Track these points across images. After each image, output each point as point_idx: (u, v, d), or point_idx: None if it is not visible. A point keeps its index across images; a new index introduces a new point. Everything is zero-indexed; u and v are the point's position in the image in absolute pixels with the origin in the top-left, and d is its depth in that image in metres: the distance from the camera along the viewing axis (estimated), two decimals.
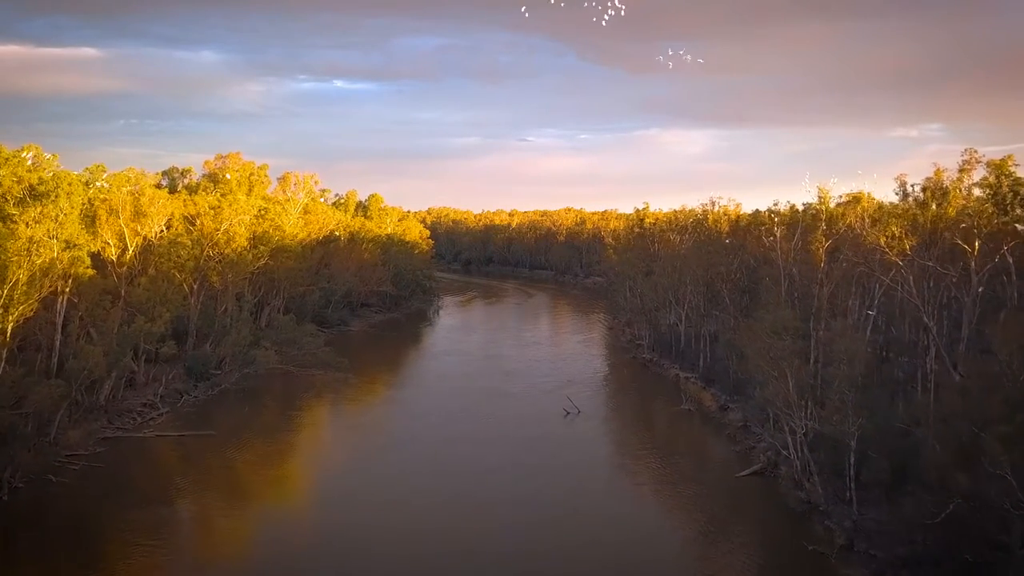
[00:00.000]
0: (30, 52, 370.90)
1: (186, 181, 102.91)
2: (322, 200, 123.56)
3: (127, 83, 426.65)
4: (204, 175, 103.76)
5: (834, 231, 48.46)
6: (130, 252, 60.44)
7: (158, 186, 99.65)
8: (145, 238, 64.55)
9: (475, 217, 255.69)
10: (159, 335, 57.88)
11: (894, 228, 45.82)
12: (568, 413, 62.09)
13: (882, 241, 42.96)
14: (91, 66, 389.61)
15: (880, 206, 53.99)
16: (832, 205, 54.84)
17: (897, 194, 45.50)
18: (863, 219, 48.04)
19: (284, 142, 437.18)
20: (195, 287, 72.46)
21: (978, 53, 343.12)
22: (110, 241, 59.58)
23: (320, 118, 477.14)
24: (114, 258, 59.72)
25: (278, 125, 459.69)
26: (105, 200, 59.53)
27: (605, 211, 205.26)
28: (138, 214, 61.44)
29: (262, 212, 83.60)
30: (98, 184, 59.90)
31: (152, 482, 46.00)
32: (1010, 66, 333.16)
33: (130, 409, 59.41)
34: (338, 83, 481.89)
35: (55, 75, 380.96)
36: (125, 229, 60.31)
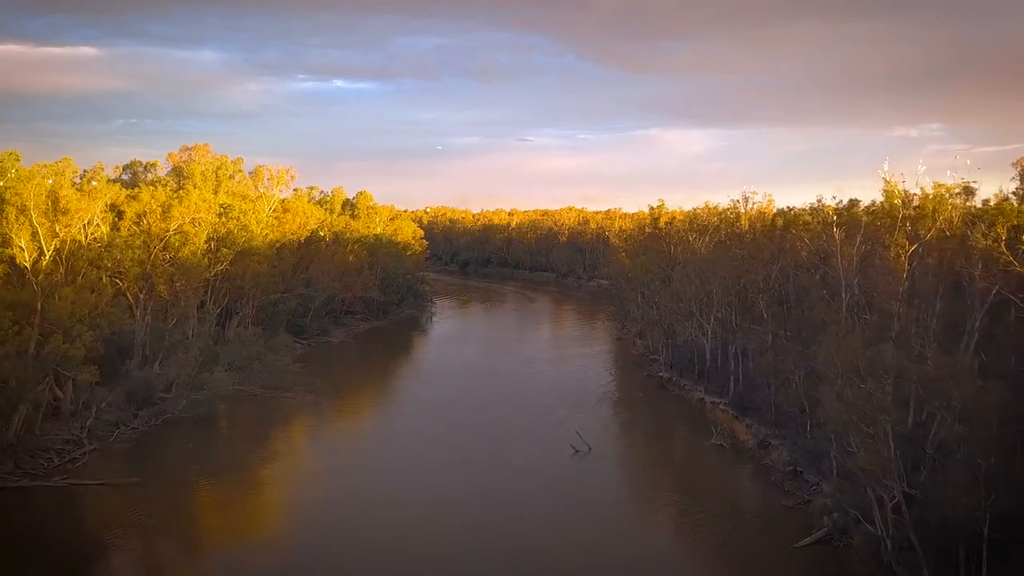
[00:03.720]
0: (30, 52, 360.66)
1: (149, 176, 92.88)
2: (308, 200, 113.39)
3: (127, 83, 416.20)
4: (171, 170, 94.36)
5: (919, 233, 38.15)
6: (47, 257, 50.04)
7: (118, 180, 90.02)
8: (75, 240, 54.26)
9: (473, 216, 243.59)
10: (80, 358, 47.49)
11: (1000, 229, 35.74)
12: (576, 451, 51.81)
13: (996, 244, 32.75)
14: (91, 66, 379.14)
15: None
16: (898, 201, 44.51)
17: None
18: (954, 218, 37.77)
19: (284, 142, 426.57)
20: (141, 297, 62.30)
21: (977, 53, 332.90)
22: (23, 245, 49.18)
23: (320, 118, 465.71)
24: (28, 265, 49.34)
25: (278, 125, 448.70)
26: (17, 195, 49.10)
27: (609, 210, 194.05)
28: (58, 211, 51.02)
29: (225, 210, 73.24)
30: (9, 175, 49.30)
31: (48, 556, 35.84)
32: (1010, 66, 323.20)
33: (47, 448, 48.88)
34: (338, 83, 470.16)
35: (55, 75, 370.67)
36: (40, 230, 49.93)
